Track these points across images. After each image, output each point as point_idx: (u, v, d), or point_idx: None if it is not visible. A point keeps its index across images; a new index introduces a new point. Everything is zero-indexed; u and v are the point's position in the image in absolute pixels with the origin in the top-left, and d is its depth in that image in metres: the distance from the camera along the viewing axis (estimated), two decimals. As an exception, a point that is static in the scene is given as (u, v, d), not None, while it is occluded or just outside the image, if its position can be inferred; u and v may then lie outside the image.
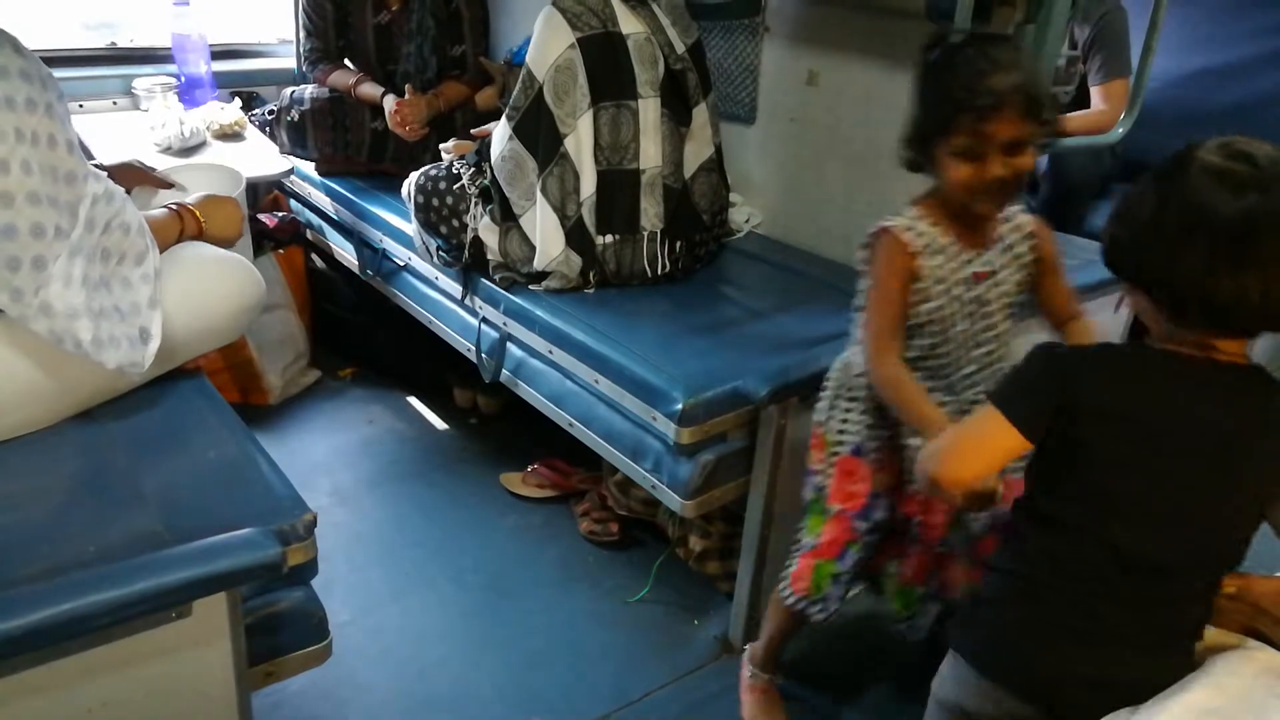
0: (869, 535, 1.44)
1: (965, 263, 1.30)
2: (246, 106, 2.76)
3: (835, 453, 1.43)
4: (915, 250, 1.28)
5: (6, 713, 1.02)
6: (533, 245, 1.94)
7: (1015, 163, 1.20)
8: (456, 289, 2.13)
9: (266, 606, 1.24)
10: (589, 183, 1.89)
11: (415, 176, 2.13)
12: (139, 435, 1.37)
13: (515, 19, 2.85)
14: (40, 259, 1.22)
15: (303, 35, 2.70)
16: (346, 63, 2.66)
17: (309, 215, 2.77)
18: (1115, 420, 0.98)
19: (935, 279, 1.29)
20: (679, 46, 1.92)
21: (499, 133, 1.95)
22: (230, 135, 2.58)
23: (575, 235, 1.91)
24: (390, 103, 2.47)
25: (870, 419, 1.40)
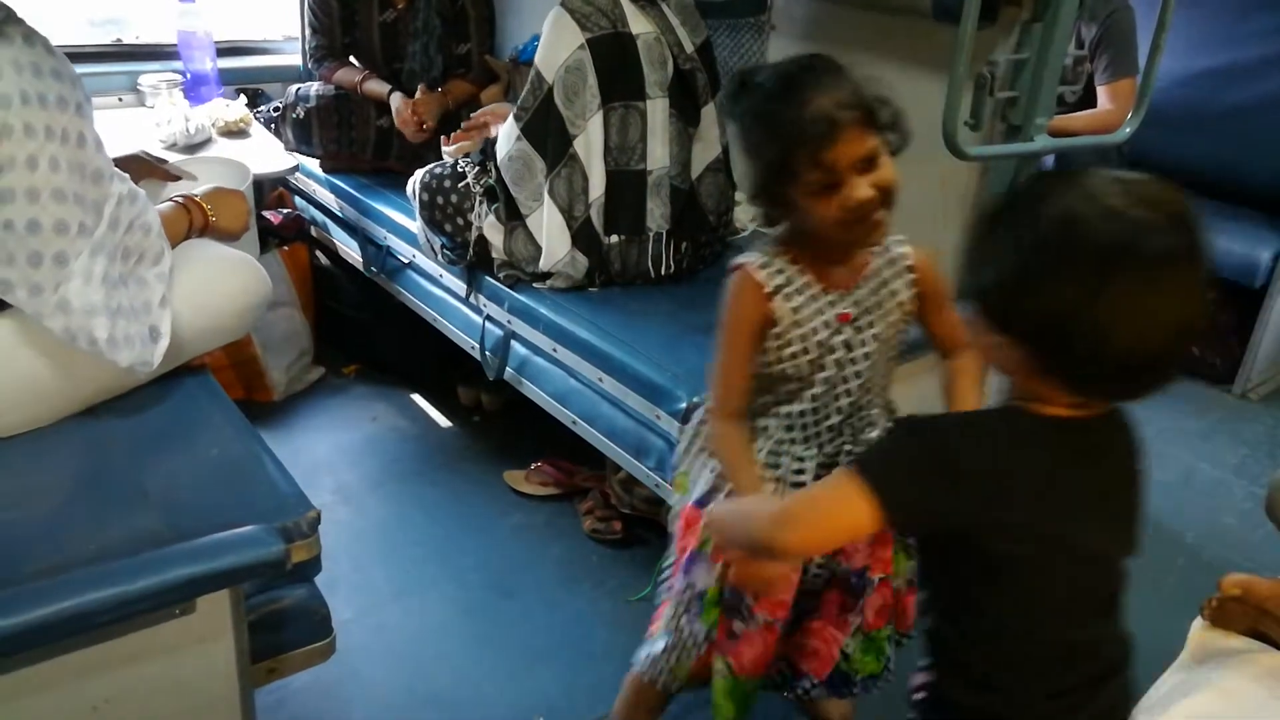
0: (685, 595, 1.30)
1: (829, 304, 1.18)
2: (252, 103, 2.76)
3: (684, 502, 1.32)
4: (770, 291, 1.16)
5: (10, 710, 1.02)
6: (538, 245, 1.93)
7: (876, 178, 1.09)
8: (461, 287, 2.13)
9: (270, 604, 1.24)
10: (598, 184, 1.89)
11: (420, 174, 2.13)
12: (143, 432, 1.37)
13: (521, 17, 2.84)
14: (62, 255, 1.23)
15: (308, 32, 2.70)
16: (352, 60, 2.66)
17: (314, 212, 2.77)
18: (1009, 506, 0.85)
19: (793, 322, 1.17)
20: (688, 46, 1.91)
21: (505, 132, 1.94)
22: (235, 132, 2.58)
23: (582, 236, 1.90)
24: (397, 100, 2.47)
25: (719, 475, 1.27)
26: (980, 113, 1.67)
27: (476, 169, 2.06)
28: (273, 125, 2.67)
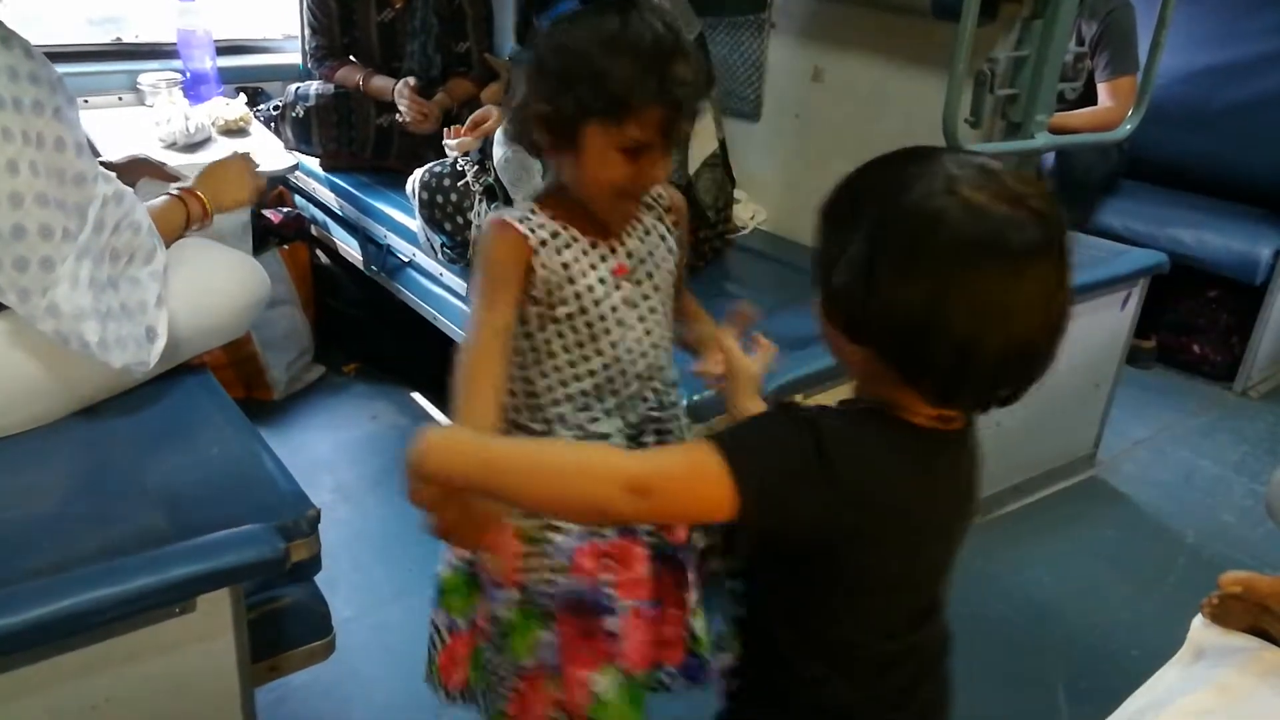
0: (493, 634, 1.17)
1: (600, 258, 1.07)
2: (251, 102, 2.76)
3: None
4: (533, 242, 1.03)
5: (11, 708, 1.02)
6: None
7: (668, 166, 1.04)
8: (461, 285, 2.13)
9: (270, 602, 1.24)
10: (594, 181, 1.88)
11: (420, 173, 2.13)
12: (143, 431, 1.37)
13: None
14: (48, 260, 1.22)
15: (308, 32, 2.70)
16: (353, 59, 2.66)
17: (314, 211, 2.78)
18: (882, 519, 0.78)
19: (566, 278, 1.05)
20: (683, 42, 1.91)
21: (501, 135, 1.94)
22: (235, 131, 2.57)
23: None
24: (403, 85, 2.46)
25: None
26: (980, 110, 1.67)
27: (476, 168, 2.06)
28: (272, 124, 2.67)
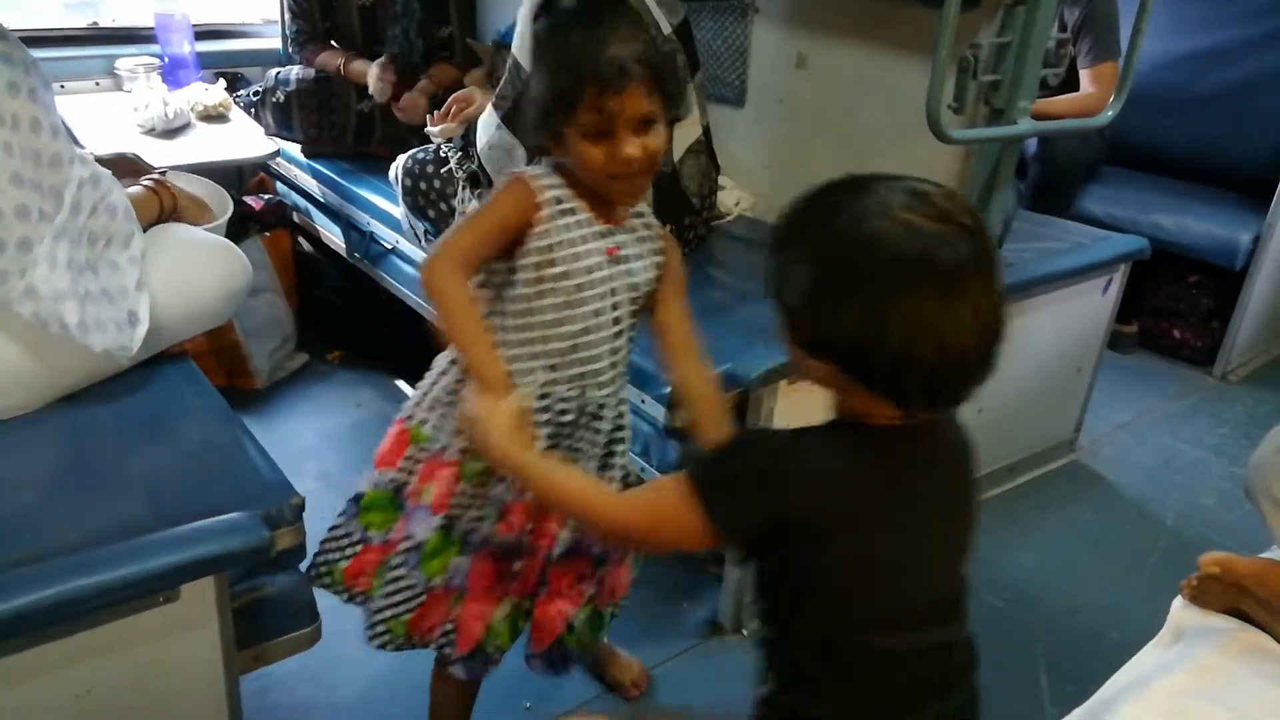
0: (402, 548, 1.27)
1: (597, 234, 1.17)
2: (231, 88, 2.73)
3: (423, 454, 1.25)
4: (541, 201, 1.14)
5: (-7, 698, 1.01)
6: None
7: (646, 142, 1.10)
8: (445, 272, 2.11)
9: (254, 590, 1.24)
10: (581, 168, 1.88)
11: (403, 159, 2.12)
12: (125, 419, 1.36)
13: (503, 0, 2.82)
14: (25, 241, 1.21)
15: (288, 17, 2.68)
16: (334, 44, 2.64)
17: (295, 198, 2.75)
18: (835, 515, 0.83)
19: (564, 240, 1.14)
20: (665, 27, 1.90)
21: (485, 121, 1.93)
22: (214, 117, 2.55)
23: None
24: (375, 66, 2.44)
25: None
26: (963, 96, 1.67)
27: (460, 154, 2.05)
28: (253, 110, 2.65)
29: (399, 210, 2.16)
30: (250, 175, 2.84)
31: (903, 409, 0.81)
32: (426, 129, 2.22)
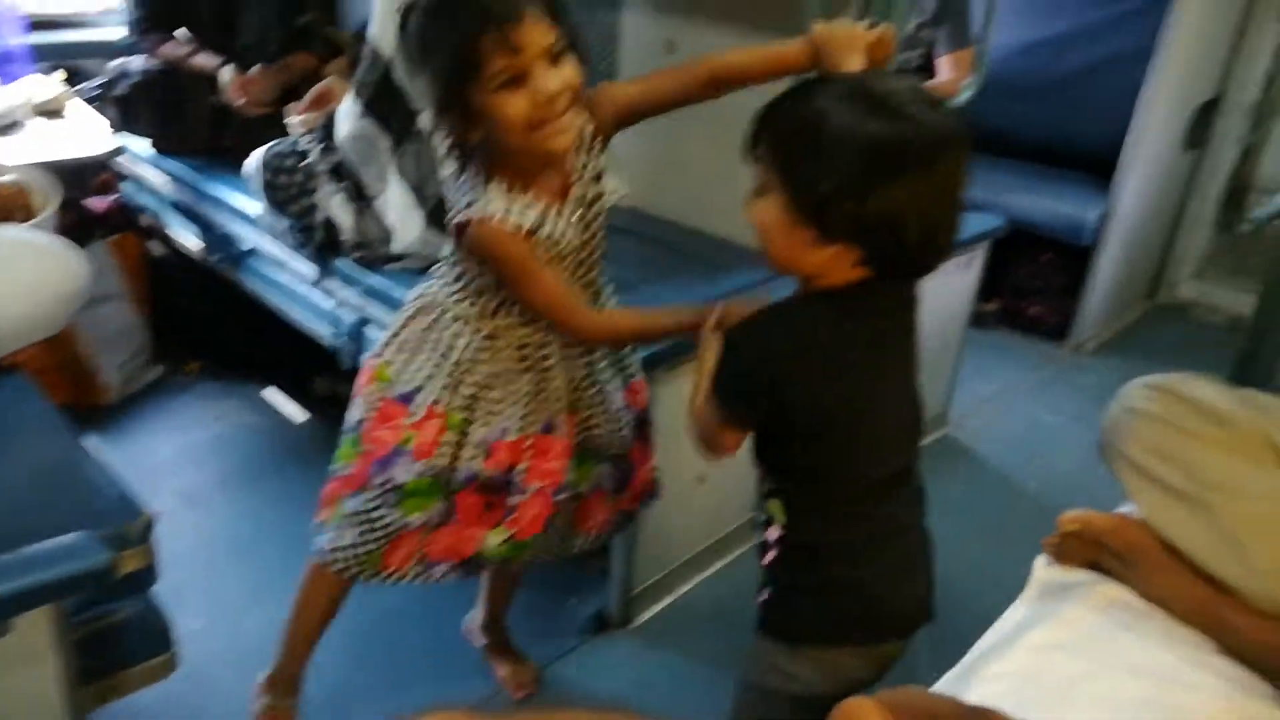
0: (382, 488, 1.31)
1: (556, 214, 1.18)
2: (70, 81, 2.54)
3: (384, 394, 1.30)
4: (528, 230, 1.15)
5: None
6: (388, 226, 1.85)
7: (564, 74, 1.06)
8: (310, 271, 2.02)
9: (101, 619, 1.15)
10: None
11: (260, 153, 2.01)
12: (-56, 441, 1.24)
13: (362, -12, 2.72)
14: None
15: (129, 3, 2.51)
16: (181, 33, 2.48)
17: (144, 198, 2.59)
18: (822, 376, 0.98)
19: (542, 240, 1.17)
20: (530, 12, 1.87)
21: (345, 110, 1.85)
22: (52, 112, 2.37)
23: (437, 215, 1.83)
24: (228, 74, 2.32)
25: (437, 368, 1.27)
26: (827, 79, 1.70)
27: (320, 146, 1.95)
28: (95, 104, 2.47)
29: (258, 207, 2.05)
30: (93, 175, 2.65)
31: (887, 278, 0.95)
32: (286, 120, 2.12)
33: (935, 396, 2.43)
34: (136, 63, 2.43)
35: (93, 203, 2.43)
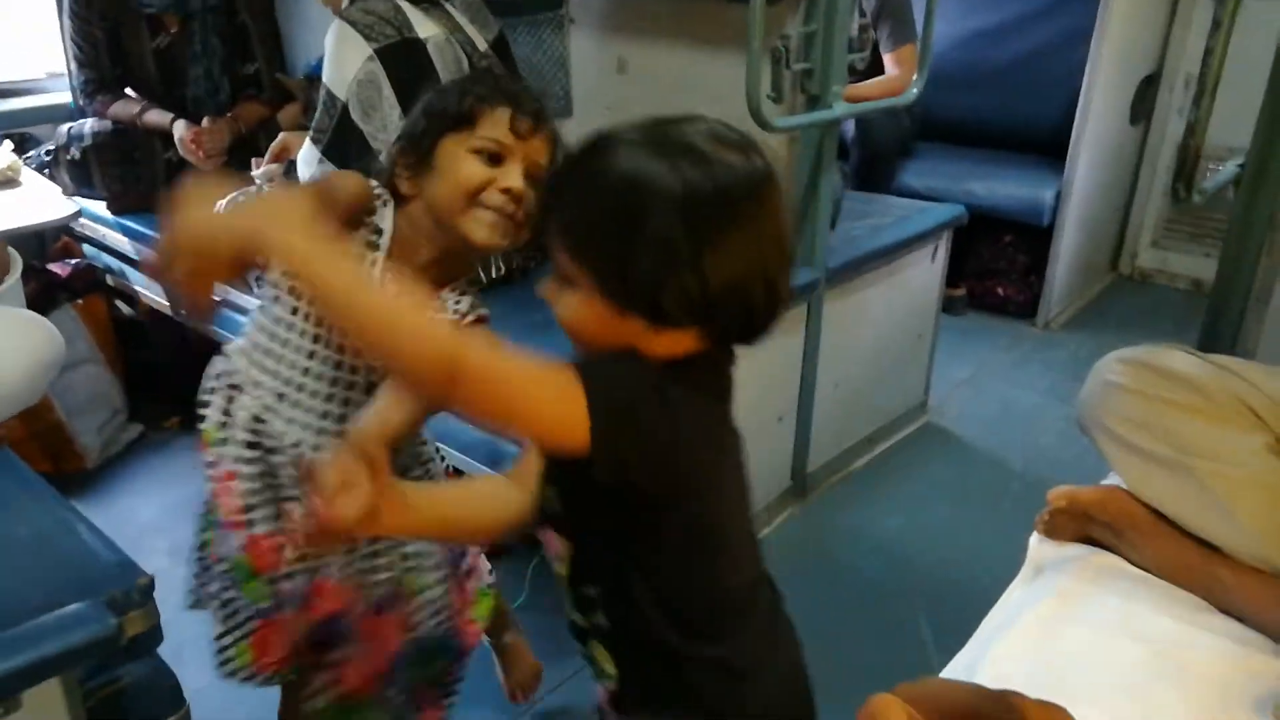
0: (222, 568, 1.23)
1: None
2: (19, 149, 2.52)
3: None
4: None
5: None
6: (356, 265, 1.86)
7: (528, 191, 1.06)
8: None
9: (110, 684, 1.14)
10: (411, 194, 1.83)
11: (222, 204, 2.00)
12: (-68, 522, 1.22)
13: (313, 30, 2.72)
14: None
15: (74, 67, 2.49)
16: (129, 91, 2.48)
17: (107, 259, 2.57)
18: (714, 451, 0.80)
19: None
20: (480, 44, 1.88)
21: (305, 156, 1.85)
22: (3, 182, 2.34)
23: (402, 252, 1.84)
24: (181, 129, 2.32)
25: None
26: (780, 85, 1.73)
27: (282, 193, 1.95)
28: (46, 170, 2.45)
29: (224, 259, 2.04)
30: (53, 241, 2.63)
31: (728, 343, 0.78)
32: (253, 174, 2.12)
33: (912, 386, 2.47)
34: (89, 125, 2.42)
35: (55, 268, 2.41)
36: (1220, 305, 1.50)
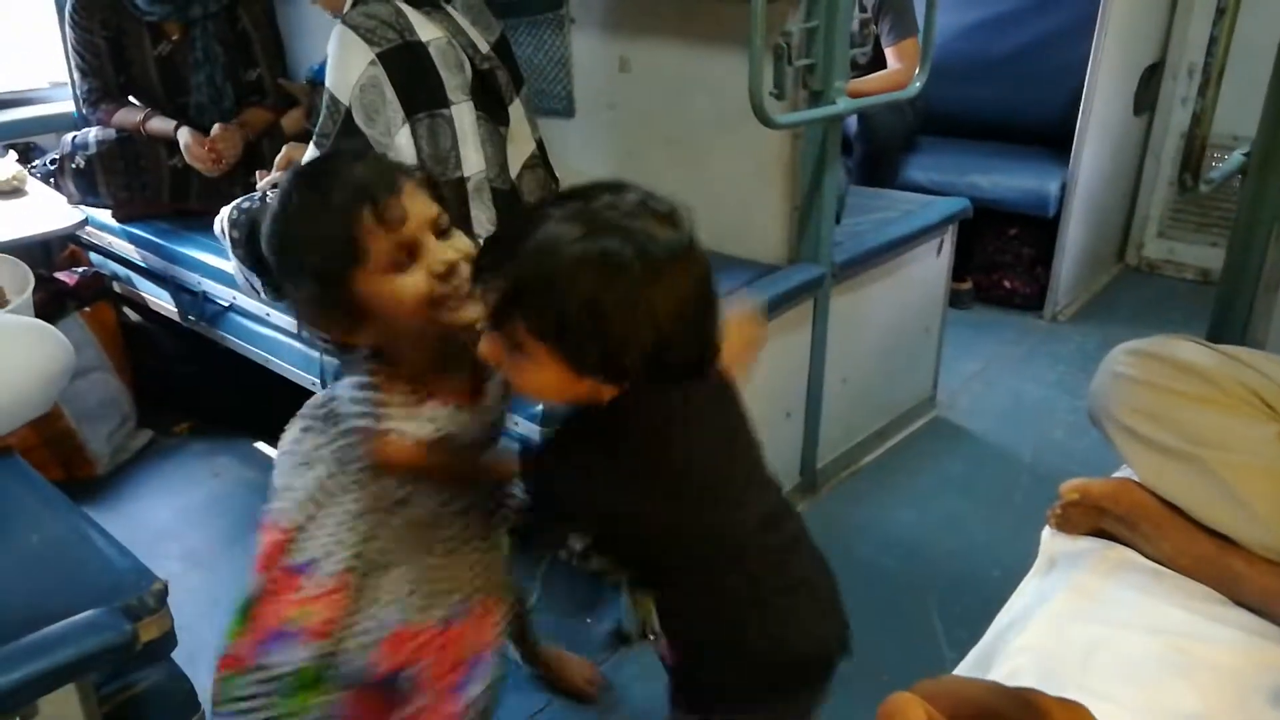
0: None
1: (480, 417, 1.10)
2: (24, 159, 2.53)
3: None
4: (419, 443, 1.03)
5: None
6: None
7: (457, 244, 0.99)
8: (290, 321, 2.02)
9: (126, 690, 1.14)
10: (416, 199, 1.83)
11: (228, 211, 2.01)
12: (-54, 531, 1.23)
13: (314, 35, 2.73)
14: None
15: (77, 76, 2.50)
16: (131, 99, 2.48)
17: (113, 266, 2.58)
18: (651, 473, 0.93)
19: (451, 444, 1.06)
20: (483, 46, 1.88)
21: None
22: (8, 192, 2.35)
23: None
24: (186, 136, 2.33)
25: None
26: (782, 82, 1.73)
27: (287, 198, 1.96)
28: (51, 179, 2.46)
29: (230, 264, 2.05)
30: (59, 249, 2.64)
31: (660, 380, 0.87)
32: (257, 184, 2.12)
33: (920, 380, 2.46)
34: (93, 134, 2.43)
35: (62, 277, 2.42)
36: (1229, 295, 1.50)
